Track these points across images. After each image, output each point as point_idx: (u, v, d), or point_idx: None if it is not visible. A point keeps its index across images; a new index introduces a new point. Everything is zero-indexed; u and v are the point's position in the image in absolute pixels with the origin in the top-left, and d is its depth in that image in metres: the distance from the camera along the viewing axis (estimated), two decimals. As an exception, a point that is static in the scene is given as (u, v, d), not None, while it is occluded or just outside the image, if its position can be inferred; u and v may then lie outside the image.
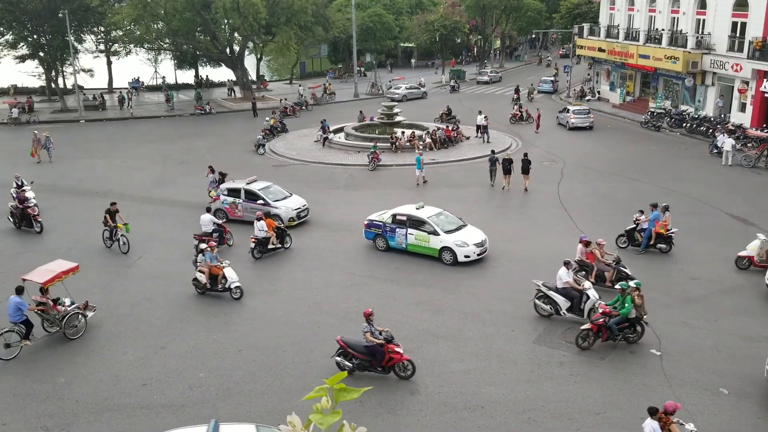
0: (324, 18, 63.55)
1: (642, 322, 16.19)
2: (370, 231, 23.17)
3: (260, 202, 25.33)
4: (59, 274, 17.49)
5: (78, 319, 17.40)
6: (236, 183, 26.64)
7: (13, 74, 62.46)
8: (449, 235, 21.80)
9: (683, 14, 43.87)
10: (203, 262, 19.52)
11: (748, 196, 28.54)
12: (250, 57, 69.58)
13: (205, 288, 19.38)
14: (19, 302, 16.51)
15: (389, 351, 14.85)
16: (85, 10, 55.39)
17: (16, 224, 25.40)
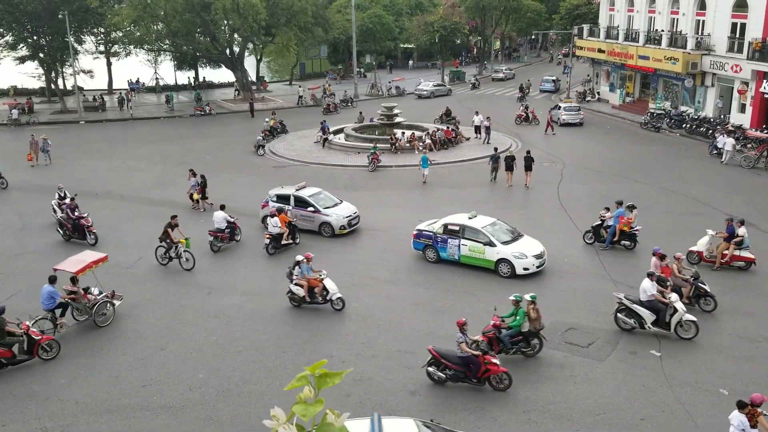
0: (324, 19, 63.58)
1: (540, 336, 15.67)
2: (420, 242, 21.97)
3: (310, 209, 24.51)
4: (90, 264, 18.28)
5: (107, 307, 18.09)
6: (285, 189, 25.72)
7: (13, 75, 62.46)
8: (506, 246, 20.64)
9: (683, 15, 43.89)
10: (300, 275, 18.53)
11: (747, 197, 28.55)
12: (249, 58, 69.60)
13: (302, 301, 18.55)
14: (52, 291, 17.28)
15: (485, 362, 14.32)
16: (85, 11, 55.40)
17: (66, 236, 24.20)
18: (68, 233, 24.19)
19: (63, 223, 24.24)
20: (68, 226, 24.12)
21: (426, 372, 14.83)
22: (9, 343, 15.77)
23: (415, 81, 67.98)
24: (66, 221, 24.20)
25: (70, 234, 24.15)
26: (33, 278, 21.07)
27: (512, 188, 30.70)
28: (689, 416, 13.59)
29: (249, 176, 33.97)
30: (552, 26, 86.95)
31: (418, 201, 28.79)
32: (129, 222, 26.71)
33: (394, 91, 63.13)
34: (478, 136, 40.92)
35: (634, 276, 20.05)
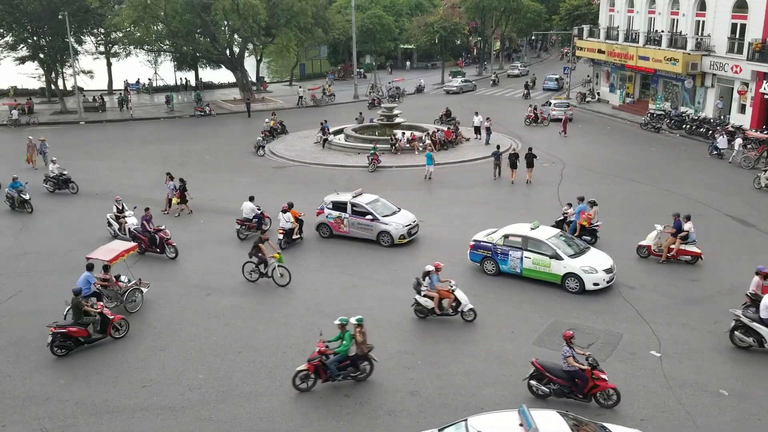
0: (324, 20, 63.64)
1: (371, 358, 14.98)
2: (477, 253, 20.88)
3: (369, 217, 23.53)
4: (122, 253, 19.07)
5: (135, 294, 18.92)
6: (341, 196, 24.71)
7: (13, 76, 62.47)
8: (574, 259, 19.41)
9: (683, 16, 43.92)
10: (429, 286, 17.83)
11: (747, 198, 28.56)
12: (249, 58, 69.62)
13: (430, 313, 17.82)
14: (88, 275, 18.07)
15: (593, 377, 13.71)
16: (85, 11, 55.43)
17: (140, 249, 22.31)
18: (144, 247, 22.70)
19: (138, 236, 22.71)
20: (144, 239, 22.70)
21: (527, 385, 14.23)
22: (85, 322, 16.70)
23: (414, 81, 68.04)
24: (142, 234, 22.78)
25: (146, 248, 22.76)
26: (33, 279, 21.11)
27: (512, 189, 30.73)
28: (689, 417, 13.59)
29: (249, 177, 33.97)
30: (552, 27, 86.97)
31: (419, 202, 28.77)
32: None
33: (394, 91, 63.12)
34: (478, 136, 41.00)
35: (635, 276, 20.09)
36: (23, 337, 17.30)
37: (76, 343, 16.59)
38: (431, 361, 15.91)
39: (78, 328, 16.49)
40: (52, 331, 16.35)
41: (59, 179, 30.73)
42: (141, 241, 22.54)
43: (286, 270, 20.26)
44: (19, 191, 27.92)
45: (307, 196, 28.93)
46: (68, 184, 30.71)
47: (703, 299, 18.99)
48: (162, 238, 22.49)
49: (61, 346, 16.41)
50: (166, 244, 22.53)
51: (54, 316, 18.39)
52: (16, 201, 27.91)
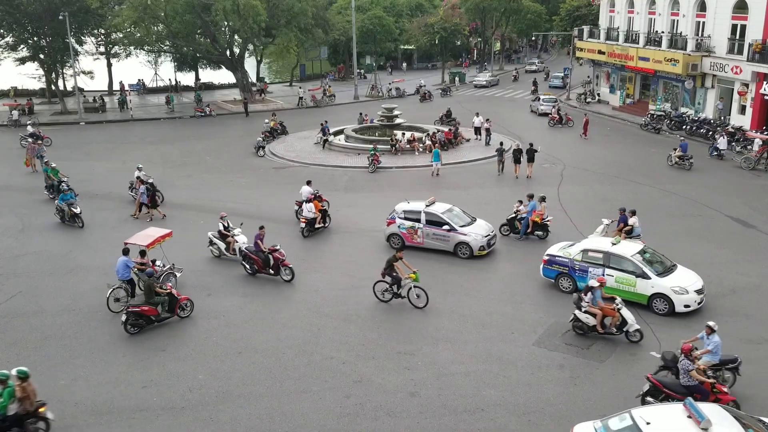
0: (324, 20, 63.68)
1: (43, 417, 12.96)
2: (552, 269, 19.62)
3: (445, 227, 22.39)
4: (158, 238, 19.82)
5: (170, 278, 19.61)
6: (413, 204, 23.65)
7: (14, 76, 62.48)
8: (663, 278, 18.05)
9: (683, 16, 43.92)
10: (592, 302, 16.70)
11: (747, 198, 28.56)
12: (250, 59, 69.66)
13: (591, 331, 16.76)
14: (126, 260, 18.83)
15: (714, 391, 13.18)
16: (86, 12, 55.45)
17: (251, 270, 20.95)
18: (257, 268, 20.85)
19: (250, 256, 20.81)
20: (257, 260, 20.70)
21: (641, 402, 13.62)
22: (156, 302, 17.60)
23: (415, 82, 68.03)
24: (255, 254, 20.76)
25: (259, 269, 20.78)
26: (33, 279, 21.11)
27: (513, 190, 30.73)
28: (689, 418, 13.57)
29: (249, 177, 33.98)
30: (552, 28, 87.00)
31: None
32: (129, 223, 26.67)
33: (394, 92, 63.23)
34: (478, 137, 41.02)
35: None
36: (23, 338, 17.30)
37: (148, 322, 17.54)
38: (431, 361, 15.91)
39: (149, 307, 17.45)
40: (127, 310, 17.32)
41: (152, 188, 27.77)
42: (253, 261, 20.83)
43: (423, 291, 18.66)
44: (69, 204, 26.06)
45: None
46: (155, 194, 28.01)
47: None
48: (277, 259, 20.48)
49: (134, 324, 17.37)
50: (281, 266, 20.51)
51: (54, 316, 18.46)
52: (67, 215, 26.05)
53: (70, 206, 26.04)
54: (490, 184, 32.15)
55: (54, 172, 30.02)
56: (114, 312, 18.46)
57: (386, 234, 23.51)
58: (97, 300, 19.47)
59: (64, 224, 26.24)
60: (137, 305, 17.45)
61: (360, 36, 69.42)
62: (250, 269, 20.91)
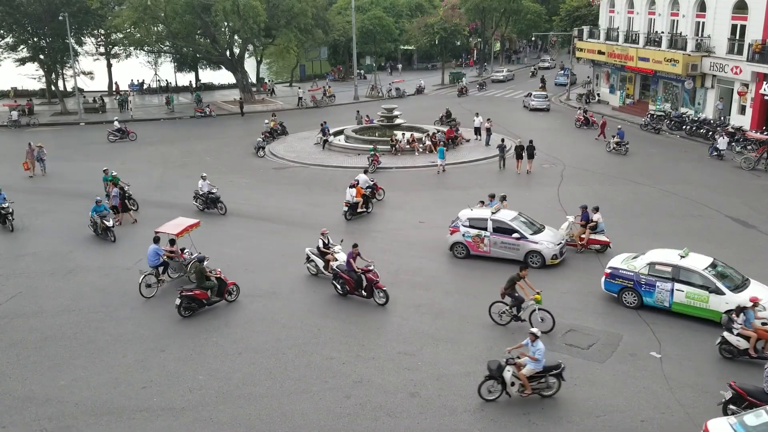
0: (324, 21, 63.71)
1: None
2: (615, 282, 18.40)
3: (515, 235, 21.42)
4: (187, 227, 20.81)
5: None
6: (477, 211, 22.66)
7: (13, 77, 62.51)
8: (738, 294, 16.89)
9: (683, 17, 43.93)
10: (745, 324, 15.48)
11: (747, 199, 28.56)
12: (250, 60, 69.68)
13: (742, 355, 15.61)
14: (156, 248, 19.84)
15: None
16: (86, 13, 55.49)
17: (342, 291, 19.35)
18: (348, 289, 19.28)
19: (342, 276, 19.29)
20: (349, 279, 19.12)
21: (723, 410, 13.17)
22: (207, 286, 18.48)
23: (415, 82, 68.06)
24: (347, 274, 19.19)
25: (351, 290, 19.22)
26: (33, 280, 21.10)
27: (513, 190, 30.73)
28: (689, 418, 13.58)
29: (249, 178, 33.99)
30: (552, 28, 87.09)
31: (418, 203, 28.79)
32: (128, 224, 26.69)
33: (394, 92, 63.26)
34: (478, 137, 41.04)
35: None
36: (23, 339, 17.30)
37: (199, 305, 18.41)
38: (431, 362, 15.90)
39: (201, 291, 18.31)
40: (180, 294, 18.15)
41: (208, 197, 27.24)
42: (345, 282, 19.22)
43: (548, 313, 17.10)
44: (102, 216, 24.57)
45: (307, 197, 28.94)
46: (216, 203, 27.23)
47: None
48: (371, 281, 18.84)
49: (187, 308, 18.21)
50: (374, 288, 18.87)
51: (54, 316, 18.46)
52: (99, 227, 24.64)
53: (103, 219, 24.53)
54: (490, 184, 32.10)
55: (116, 180, 28.17)
56: (146, 297, 19.39)
57: (449, 243, 22.49)
58: (95, 300, 19.50)
59: (97, 237, 24.78)
60: (190, 289, 18.31)
61: (360, 36, 69.45)
62: (341, 290, 19.40)
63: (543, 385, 14.17)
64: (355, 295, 19.27)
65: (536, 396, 14.36)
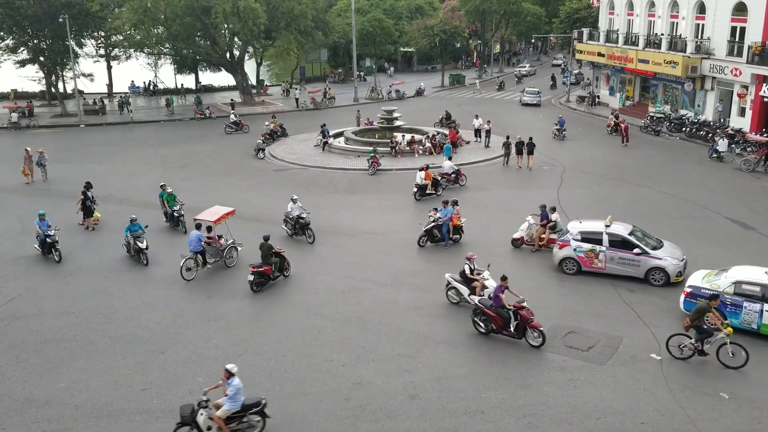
0: (324, 23, 63.72)
1: None
2: (696, 302, 16.78)
3: (636, 251, 19.98)
4: (224, 215, 22.15)
5: (233, 252, 22.03)
6: (587, 224, 21.39)
7: (13, 79, 62.51)
8: None
9: (682, 19, 43.98)
10: None
11: (747, 201, 28.57)
12: (250, 62, 69.68)
13: None
14: (198, 234, 21.09)
15: None
16: (86, 15, 55.47)
17: (485, 329, 17.07)
18: (494, 327, 16.96)
19: (486, 312, 16.97)
20: (495, 316, 16.87)
21: None
22: (271, 263, 20.19)
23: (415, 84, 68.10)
24: (493, 309, 16.91)
25: (498, 329, 16.90)
26: (33, 282, 21.09)
27: (513, 191, 30.86)
28: (690, 420, 13.58)
29: (249, 180, 33.98)
30: (552, 30, 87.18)
31: (418, 204, 28.79)
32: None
33: (394, 94, 63.30)
34: (478, 139, 41.07)
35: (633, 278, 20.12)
36: (23, 340, 17.28)
37: (267, 280, 20.06)
38: (431, 364, 15.90)
39: (267, 267, 20.00)
40: (253, 271, 19.73)
41: (297, 222, 24.45)
42: (490, 319, 16.91)
43: (741, 347, 15.46)
44: (136, 237, 22.57)
45: (307, 199, 28.87)
46: (306, 229, 24.33)
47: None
48: (525, 319, 16.51)
49: (258, 283, 19.79)
50: (528, 327, 16.57)
51: (53, 318, 18.45)
52: (132, 248, 22.66)
53: (137, 239, 22.48)
54: (489, 186, 32.16)
55: (170, 198, 26.13)
56: (186, 280, 20.75)
57: (557, 258, 21.15)
58: (95, 301, 19.50)
59: (130, 258, 22.85)
60: (259, 265, 19.92)
61: (360, 38, 69.45)
62: (484, 327, 17.07)
63: (244, 425, 13.03)
64: (501, 335, 16.93)
65: (535, 399, 14.34)
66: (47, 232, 22.66)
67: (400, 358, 16.14)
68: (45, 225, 22.83)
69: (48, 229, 22.79)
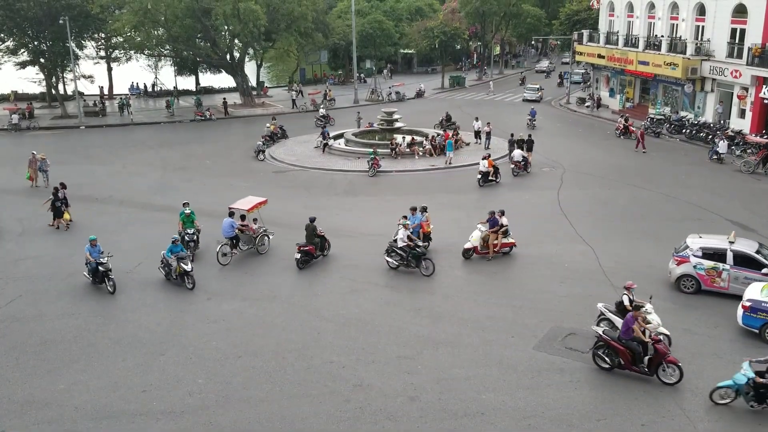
0: (324, 24, 63.74)
1: None
2: (757, 317, 16.47)
3: (765, 270, 18.43)
4: (257, 204, 23.47)
5: (265, 239, 23.32)
6: (709, 239, 20.14)
7: (14, 80, 62.55)
8: None
9: (682, 21, 44.02)
10: None
11: (747, 202, 28.57)
12: (250, 63, 69.71)
13: None
14: (231, 221, 22.41)
15: None
16: (86, 16, 55.50)
17: (609, 363, 15.22)
18: (622, 362, 15.14)
19: (614, 345, 15.11)
20: (623, 350, 15.03)
21: None
22: (315, 243, 22.04)
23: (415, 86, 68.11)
24: (623, 343, 15.02)
25: (627, 365, 15.09)
26: (33, 283, 21.08)
27: (513, 192, 30.84)
28: (690, 422, 13.57)
29: (249, 181, 33.96)
30: (552, 32, 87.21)
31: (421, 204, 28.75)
32: (129, 227, 26.70)
33: (394, 96, 63.32)
34: (478, 141, 41.10)
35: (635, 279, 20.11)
36: (23, 342, 17.28)
37: (311, 258, 21.87)
38: (431, 365, 15.89)
39: (312, 246, 21.89)
40: (299, 249, 21.55)
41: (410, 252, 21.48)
42: (617, 352, 15.06)
43: None
44: (180, 259, 20.56)
45: (307, 200, 28.95)
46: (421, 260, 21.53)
47: (703, 304, 18.97)
48: (662, 353, 14.79)
49: (304, 261, 21.52)
50: (665, 362, 14.79)
51: (53, 320, 18.44)
52: (174, 271, 20.54)
53: (181, 261, 20.42)
54: (490, 187, 32.14)
55: (187, 219, 23.46)
56: (222, 264, 22.03)
57: (674, 275, 19.74)
58: (95, 303, 19.49)
59: (168, 281, 20.88)
60: (305, 245, 21.73)
61: (360, 40, 69.48)
62: (608, 362, 15.24)
63: None
64: (629, 371, 15.19)
65: (535, 401, 14.33)
66: (99, 260, 20.25)
67: (400, 360, 16.14)
68: (96, 252, 20.38)
69: (100, 255, 20.38)
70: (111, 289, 20.17)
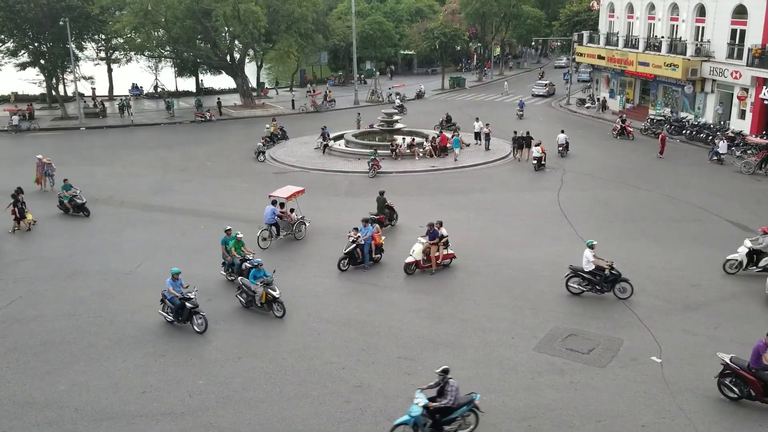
0: (324, 26, 63.75)
1: None
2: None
3: None
4: (295, 193, 25.01)
5: (302, 226, 24.76)
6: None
7: (14, 82, 62.59)
8: None
9: (682, 21, 44.03)
10: None
11: (747, 203, 28.57)
12: (250, 64, 69.73)
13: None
14: (273, 209, 23.90)
15: None
16: (86, 18, 55.53)
17: (741, 394, 14.03)
18: (753, 393, 13.91)
19: (743, 375, 13.96)
20: (754, 380, 13.81)
21: None
22: (386, 213, 24.87)
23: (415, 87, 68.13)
24: (755, 374, 13.80)
25: (759, 396, 13.87)
26: (33, 284, 21.08)
27: (512, 193, 30.86)
28: (690, 423, 13.56)
29: (249, 182, 33.99)
30: (552, 33, 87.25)
31: (418, 207, 28.77)
32: (129, 228, 26.70)
33: (395, 97, 63.32)
34: (478, 142, 41.09)
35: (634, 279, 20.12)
36: (23, 343, 17.27)
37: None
38: (431, 366, 15.82)
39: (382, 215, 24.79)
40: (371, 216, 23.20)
41: None
42: (748, 383, 13.84)
43: None
44: (266, 284, 18.51)
45: (307, 201, 28.86)
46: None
47: (704, 304, 18.97)
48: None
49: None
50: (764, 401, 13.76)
51: (54, 321, 18.43)
52: (259, 298, 18.50)
53: (268, 286, 18.49)
54: (490, 188, 32.17)
55: (237, 245, 20.61)
56: (262, 248, 23.15)
57: None
58: (95, 304, 19.48)
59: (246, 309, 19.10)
60: (376, 214, 24.18)
61: (360, 41, 69.51)
62: (737, 392, 14.01)
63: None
64: (762, 402, 13.97)
65: (536, 402, 14.32)
66: (187, 295, 17.60)
67: (401, 361, 16.13)
68: (178, 286, 17.91)
69: (186, 291, 17.82)
70: (199, 328, 17.41)
